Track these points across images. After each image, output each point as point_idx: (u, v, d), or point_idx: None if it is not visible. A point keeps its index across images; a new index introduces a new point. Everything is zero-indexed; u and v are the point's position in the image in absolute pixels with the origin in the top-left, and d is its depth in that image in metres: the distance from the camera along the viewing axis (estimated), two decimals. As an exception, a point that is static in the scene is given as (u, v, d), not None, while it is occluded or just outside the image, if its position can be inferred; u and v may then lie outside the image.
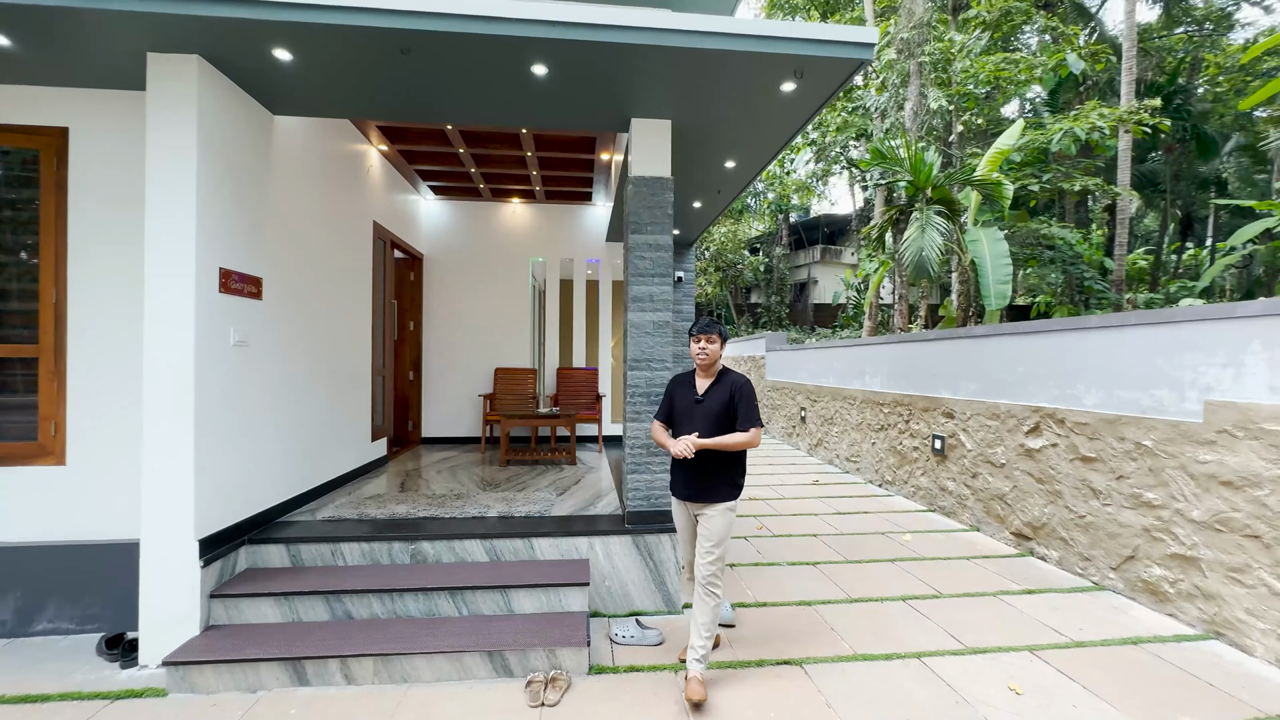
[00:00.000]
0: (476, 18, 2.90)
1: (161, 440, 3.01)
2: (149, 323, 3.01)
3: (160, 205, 3.02)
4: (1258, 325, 3.30)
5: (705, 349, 2.93)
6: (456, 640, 2.98)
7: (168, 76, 3.05)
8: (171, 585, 3.01)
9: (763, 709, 2.71)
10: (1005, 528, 5.21)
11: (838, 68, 3.17)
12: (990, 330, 5.55)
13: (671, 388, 3.11)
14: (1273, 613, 3.14)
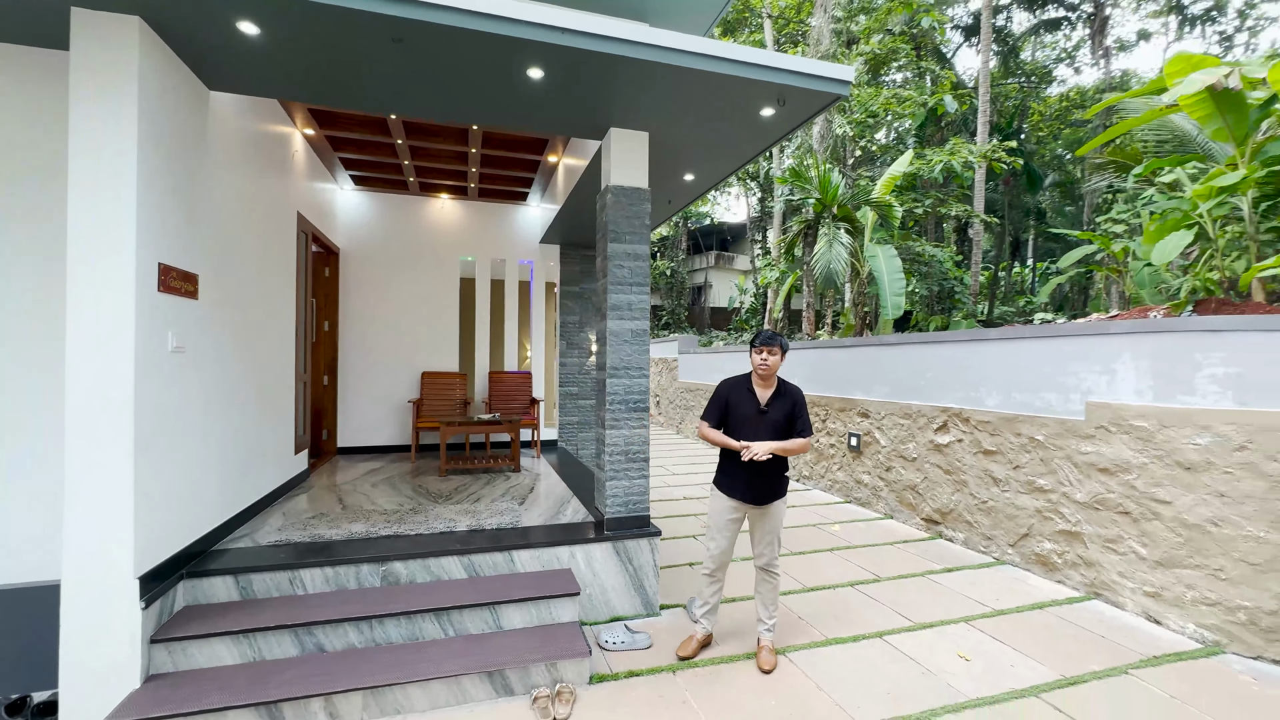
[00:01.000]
0: (477, 14, 2.78)
1: (90, 463, 2.55)
2: (74, 328, 2.54)
3: (90, 190, 2.57)
4: (1126, 340, 4.04)
5: (767, 360, 3.08)
6: (452, 663, 2.84)
7: (99, 39, 2.59)
8: (104, 632, 2.57)
9: (765, 697, 2.88)
10: (916, 514, 5.88)
11: (816, 99, 3.43)
12: (902, 339, 6.22)
13: (726, 393, 3.21)
14: (1139, 574, 3.88)
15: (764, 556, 3.24)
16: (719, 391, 3.27)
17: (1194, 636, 3.57)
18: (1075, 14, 21.19)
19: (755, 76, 3.23)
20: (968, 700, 2.89)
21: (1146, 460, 3.86)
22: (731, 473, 3.17)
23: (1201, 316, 3.99)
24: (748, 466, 3.06)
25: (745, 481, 3.11)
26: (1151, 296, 10.92)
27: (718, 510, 3.25)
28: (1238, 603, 3.43)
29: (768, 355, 3.10)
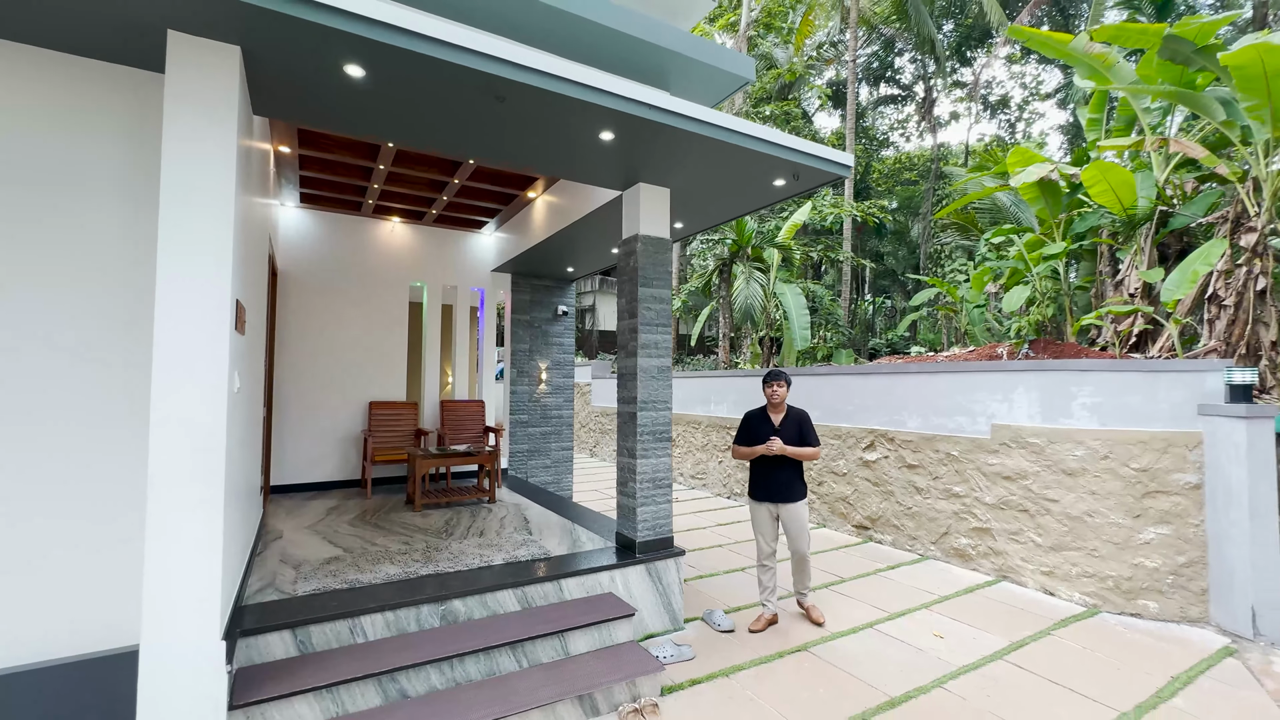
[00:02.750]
0: (569, 80, 3.04)
1: (176, 515, 2.34)
2: (161, 368, 2.34)
3: (187, 222, 2.40)
4: (1020, 376, 5.22)
5: (777, 391, 3.98)
6: (545, 691, 2.95)
7: (197, 65, 2.46)
8: (187, 701, 2.34)
9: (810, 685, 3.36)
10: (848, 522, 6.81)
11: (822, 176, 4.11)
12: (831, 370, 7.21)
13: (749, 421, 4.08)
14: (1037, 558, 5.00)
15: (798, 546, 4.15)
16: (747, 421, 4.14)
17: (1079, 603, 4.70)
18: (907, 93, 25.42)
19: (777, 154, 3.81)
20: (959, 668, 3.61)
21: (1039, 469, 5.01)
22: (760, 483, 4.03)
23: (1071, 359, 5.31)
24: (770, 475, 3.96)
25: (769, 487, 4.01)
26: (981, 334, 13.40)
27: (758, 515, 4.12)
28: (1107, 574, 4.60)
29: (777, 387, 4.03)
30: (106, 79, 2.68)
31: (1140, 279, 7.26)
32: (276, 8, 2.32)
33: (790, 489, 4.03)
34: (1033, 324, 9.07)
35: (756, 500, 4.14)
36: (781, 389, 4.04)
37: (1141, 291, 7.33)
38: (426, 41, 2.64)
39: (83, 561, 2.59)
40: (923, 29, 18.50)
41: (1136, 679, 3.54)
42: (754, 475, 4.13)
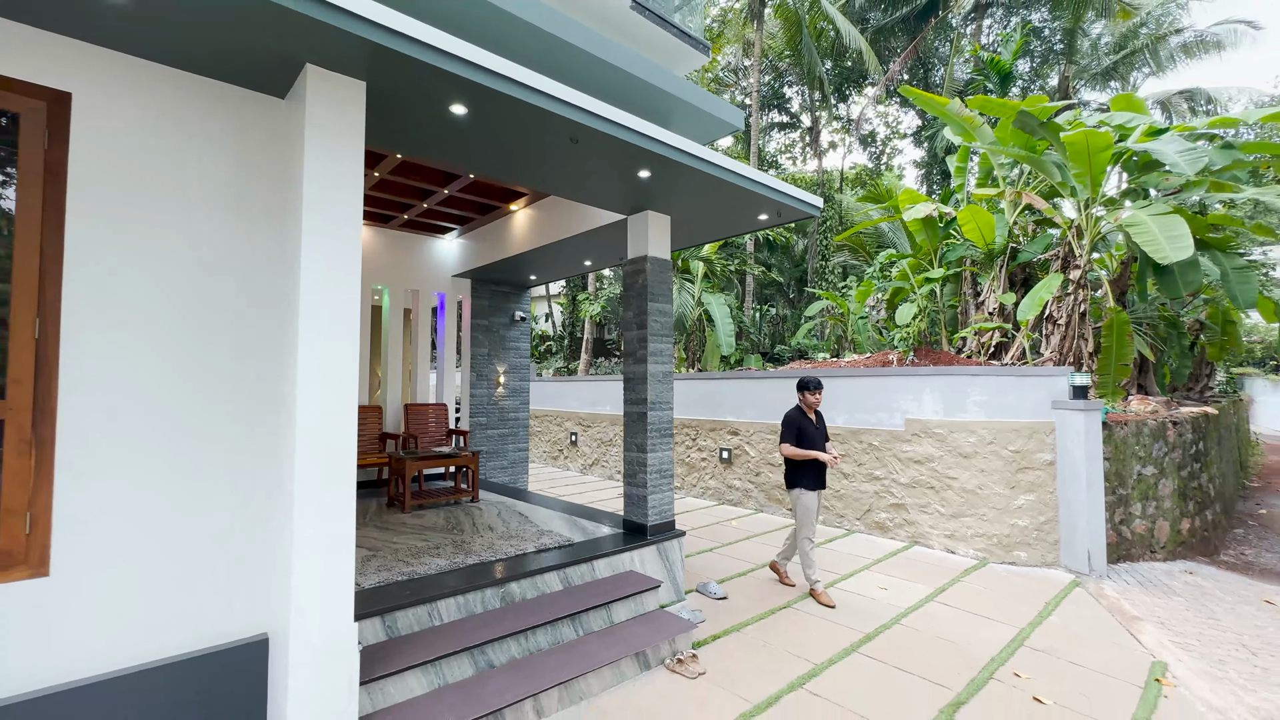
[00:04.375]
0: (629, 129, 3.56)
1: (319, 513, 2.56)
2: (304, 382, 2.54)
3: (324, 243, 2.62)
4: (927, 379, 6.48)
5: (818, 398, 4.82)
6: (608, 652, 3.43)
7: (330, 98, 2.68)
8: (327, 679, 2.56)
9: (806, 630, 4.14)
10: (783, 506, 7.82)
11: (797, 214, 4.95)
12: (768, 374, 8.21)
13: (799, 421, 4.80)
14: (941, 525, 6.25)
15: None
16: (793, 422, 4.84)
17: (973, 557, 5.99)
18: (795, 121, 28.02)
19: (767, 194, 4.58)
20: (906, 609, 4.60)
21: (942, 453, 6.28)
22: (814, 475, 4.73)
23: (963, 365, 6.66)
24: (820, 466, 4.75)
25: (821, 477, 4.77)
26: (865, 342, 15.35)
27: (812, 502, 4.77)
28: (992, 533, 5.92)
29: (817, 396, 4.82)
30: (214, 96, 2.78)
31: (998, 301, 9.06)
32: (404, 50, 2.63)
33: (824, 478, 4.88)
34: (914, 335, 10.81)
35: (811, 490, 4.75)
36: (818, 396, 4.83)
37: (998, 311, 9.15)
38: (524, 89, 3.03)
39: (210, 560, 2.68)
40: (812, 67, 20.68)
41: (1023, 607, 4.74)
42: (806, 471, 4.75)
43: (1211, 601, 5.26)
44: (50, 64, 2.39)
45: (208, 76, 2.75)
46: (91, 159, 2.47)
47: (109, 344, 2.48)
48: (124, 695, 2.43)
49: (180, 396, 2.64)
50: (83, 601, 2.40)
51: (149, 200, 2.60)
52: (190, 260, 2.69)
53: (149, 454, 2.56)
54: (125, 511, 2.50)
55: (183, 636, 2.60)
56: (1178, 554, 6.63)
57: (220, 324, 2.75)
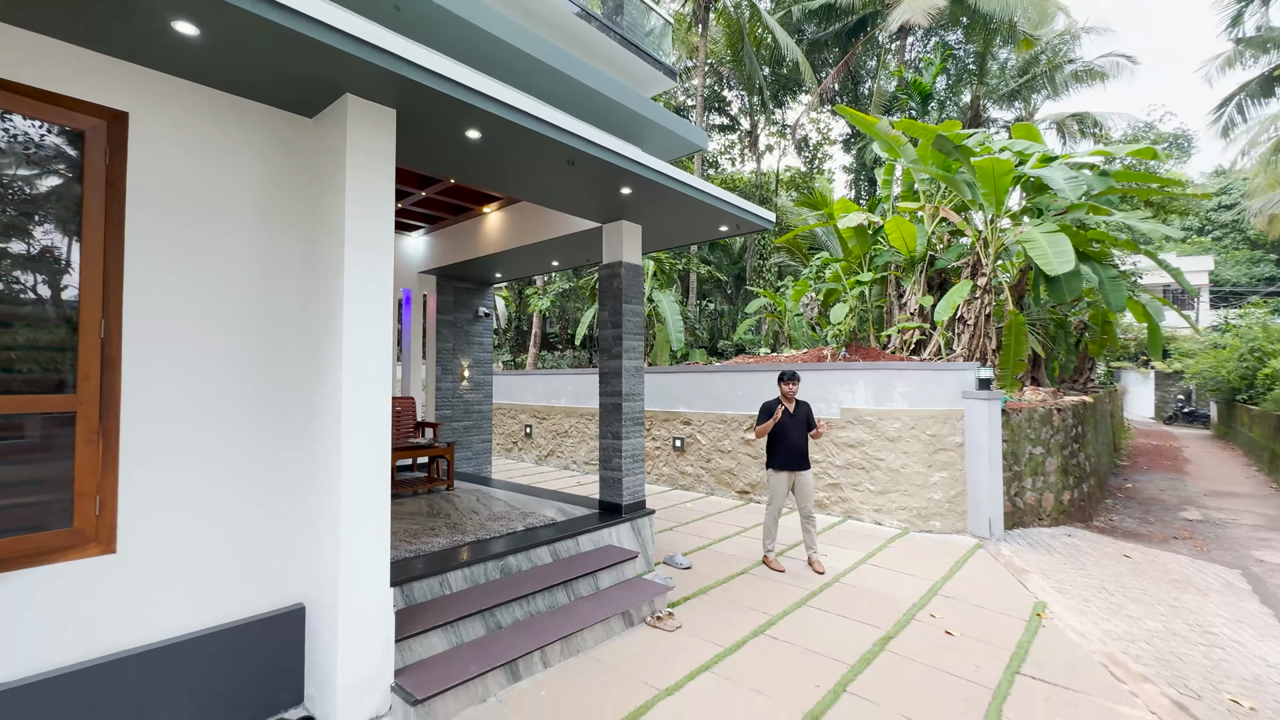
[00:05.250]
0: (618, 154, 4.04)
1: (363, 496, 2.91)
2: (350, 378, 2.89)
3: (365, 255, 2.95)
4: (861, 373, 7.33)
5: (792, 388, 5.24)
6: (599, 613, 3.93)
7: (369, 123, 3.00)
8: (371, 636, 2.93)
9: (757, 592, 4.80)
10: (732, 489, 8.54)
11: (753, 227, 5.57)
12: (720, 368, 8.89)
13: (772, 407, 5.26)
14: (871, 501, 7.12)
15: (805, 509, 5.38)
16: (766, 408, 5.36)
17: (897, 527, 6.89)
18: (734, 123, 29.07)
19: (728, 210, 5.16)
20: (844, 570, 5.37)
21: (872, 438, 7.15)
22: (780, 456, 5.25)
23: (890, 361, 7.56)
24: (787, 449, 5.21)
25: (787, 459, 5.25)
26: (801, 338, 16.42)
27: (776, 482, 5.30)
28: (913, 505, 6.84)
29: (793, 385, 5.29)
30: (252, 116, 3.04)
31: (918, 302, 10.15)
32: (431, 83, 2.99)
33: (804, 460, 5.31)
34: (846, 332, 11.85)
35: (778, 470, 5.30)
36: (795, 386, 5.34)
37: (918, 312, 10.25)
38: (533, 119, 3.45)
39: (254, 539, 2.97)
40: (752, 74, 21.65)
41: (938, 564, 5.61)
42: (777, 451, 5.30)
43: (1083, 557, 6.37)
44: (109, 85, 2.61)
45: (247, 98, 3.01)
46: (146, 173, 2.70)
47: (166, 343, 2.73)
48: (180, 659, 2.71)
49: (230, 390, 2.91)
50: (145, 576, 2.66)
51: (197, 210, 2.85)
52: (234, 266, 2.95)
53: (202, 443, 2.83)
54: (181, 495, 2.77)
55: (230, 606, 2.90)
56: (1060, 520, 7.84)
57: (262, 322, 3.03)
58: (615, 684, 3.37)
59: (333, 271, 2.99)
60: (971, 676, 3.53)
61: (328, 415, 2.97)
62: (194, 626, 2.79)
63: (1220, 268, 35.67)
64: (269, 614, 2.99)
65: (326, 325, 3.01)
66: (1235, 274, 35.85)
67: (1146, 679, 3.63)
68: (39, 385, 2.44)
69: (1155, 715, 3.20)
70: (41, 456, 2.45)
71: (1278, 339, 16.63)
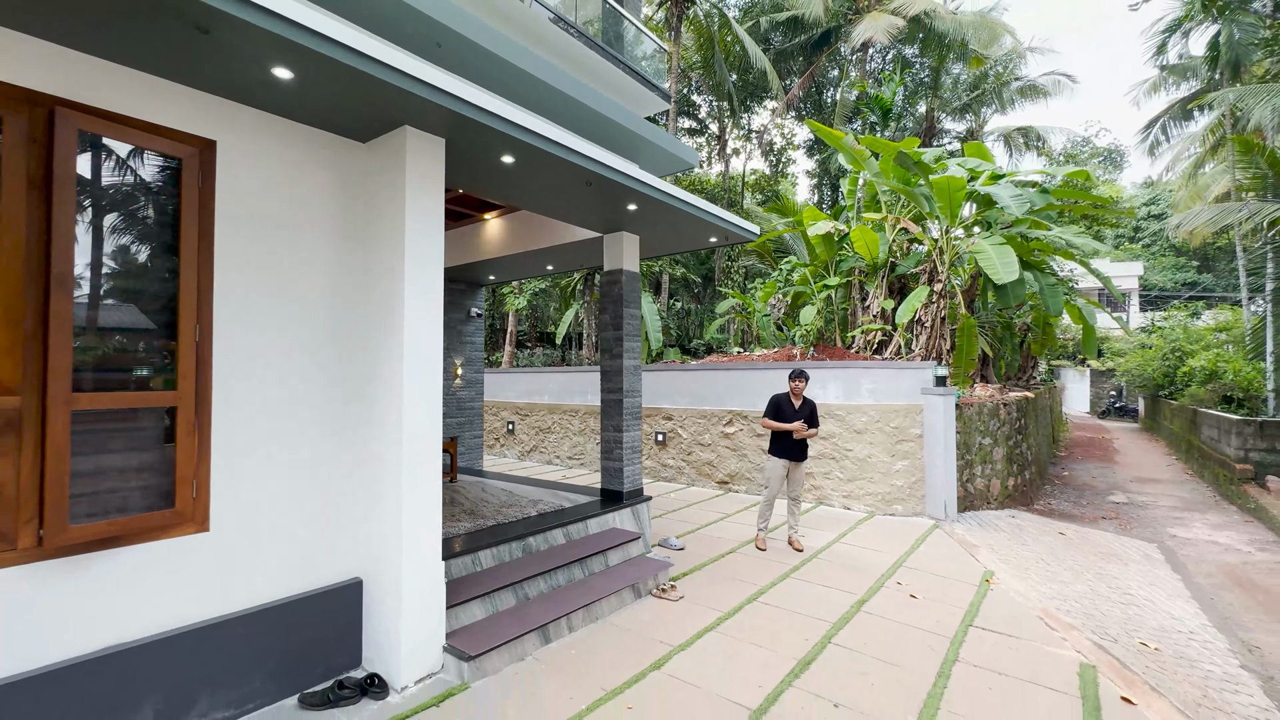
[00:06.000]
0: (629, 175, 4.51)
1: (420, 473, 3.32)
2: (410, 369, 3.28)
3: (420, 263, 3.35)
4: (832, 371, 8.00)
5: (800, 385, 5.73)
6: (612, 585, 4.42)
7: (423, 151, 3.40)
8: (427, 608, 3.34)
9: (748, 567, 5.36)
10: (712, 480, 9.12)
11: (739, 239, 6.12)
12: (700, 366, 9.45)
13: (779, 401, 5.80)
14: (841, 488, 7.80)
15: (794, 494, 5.95)
16: (776, 400, 5.90)
17: (864, 511, 7.59)
18: (702, 127, 29.78)
19: (719, 224, 5.69)
20: (821, 547, 5.99)
21: (842, 430, 7.82)
22: (782, 445, 5.78)
23: (856, 360, 8.26)
24: (791, 442, 5.74)
25: (789, 450, 5.78)
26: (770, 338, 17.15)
27: (775, 468, 5.82)
28: (877, 492, 7.55)
29: (800, 382, 5.79)
30: (317, 142, 3.39)
31: (880, 306, 10.95)
32: (477, 117, 3.41)
33: (803, 452, 5.88)
34: (813, 332, 12.60)
35: (778, 458, 5.84)
36: (803, 383, 5.85)
37: (880, 314, 11.05)
38: (557, 145, 3.88)
39: (322, 520, 3.34)
40: (722, 81, 22.35)
41: (902, 542, 6.30)
42: (780, 442, 5.84)
43: (1025, 535, 7.19)
44: (202, 117, 2.94)
45: (313, 126, 3.37)
46: (230, 194, 3.04)
47: (248, 346, 3.08)
48: (260, 626, 3.07)
49: (301, 385, 3.28)
50: (231, 553, 3.01)
51: (271, 227, 3.20)
52: (303, 275, 3.31)
53: (279, 434, 3.19)
54: (259, 480, 3.12)
55: (300, 580, 3.26)
56: (1005, 504, 8.72)
57: (328, 324, 3.40)
58: (634, 643, 3.87)
59: (393, 279, 3.37)
60: (933, 629, 4.16)
61: (388, 406, 3.35)
62: (270, 597, 3.14)
63: (1149, 273, 38.42)
64: (331, 587, 3.36)
65: (387, 325, 3.39)
66: (1162, 279, 38.69)
67: (1074, 628, 4.34)
68: (147, 384, 2.77)
69: (1080, 654, 3.89)
70: (149, 446, 2.78)
71: (1195, 340, 18.31)
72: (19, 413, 2.41)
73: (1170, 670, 4.04)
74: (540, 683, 3.36)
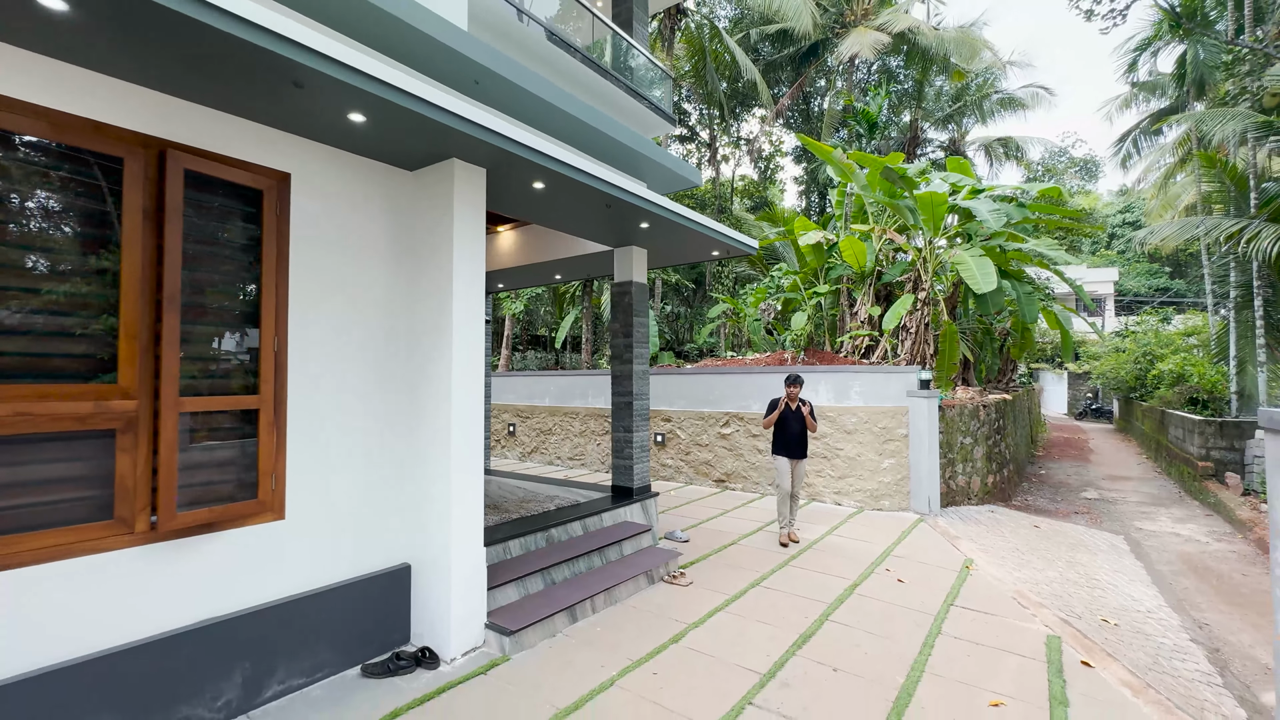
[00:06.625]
0: (646, 199, 4.94)
1: (467, 468, 3.72)
2: (457, 375, 3.69)
3: (466, 288, 3.76)
4: (823, 375, 8.49)
5: (795, 391, 6.12)
6: (628, 572, 4.84)
7: (468, 181, 3.81)
8: (471, 588, 3.73)
9: (748, 556, 5.81)
10: (709, 479, 9.57)
11: (740, 253, 6.58)
12: (698, 370, 9.90)
13: (777, 403, 6.15)
14: (831, 485, 8.28)
15: (795, 490, 6.31)
16: (772, 404, 6.29)
17: (854, 507, 8.08)
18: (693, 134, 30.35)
19: (721, 239, 6.14)
20: (815, 538, 6.45)
21: (833, 430, 8.32)
22: (782, 443, 6.19)
23: (848, 364, 8.76)
24: (789, 437, 6.14)
25: (789, 447, 6.19)
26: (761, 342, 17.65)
27: (781, 465, 6.22)
28: (866, 488, 8.05)
29: (797, 389, 6.19)
30: (371, 172, 3.79)
31: (868, 312, 11.49)
32: (515, 150, 3.82)
33: (803, 449, 6.30)
34: (803, 337, 13.12)
35: (782, 456, 6.25)
36: (798, 389, 6.25)
37: (867, 320, 11.59)
38: (583, 174, 4.31)
39: (378, 510, 3.73)
40: (713, 90, 22.90)
41: (889, 534, 6.79)
42: (781, 441, 6.24)
43: (1002, 528, 7.72)
44: (278, 152, 3.33)
45: (369, 157, 3.77)
46: (301, 220, 3.43)
47: (320, 356, 3.47)
48: (327, 604, 3.45)
49: (361, 388, 3.67)
50: (303, 538, 3.39)
51: (334, 248, 3.59)
52: (361, 289, 3.71)
53: (341, 432, 3.57)
54: (326, 474, 3.51)
55: (359, 563, 3.65)
56: (985, 500, 9.27)
57: (383, 332, 3.79)
58: (652, 621, 4.29)
59: (441, 293, 3.76)
60: (919, 607, 4.64)
61: (437, 408, 3.75)
62: (335, 579, 3.52)
63: (1124, 278, 39.65)
64: (384, 570, 3.75)
65: (435, 332, 3.78)
66: (1137, 284, 39.95)
67: (1043, 606, 4.84)
68: (235, 389, 3.15)
69: (1048, 627, 4.38)
70: (236, 444, 3.15)
71: (1166, 344, 19.16)
72: (137, 415, 2.78)
73: (1127, 642, 4.55)
74: (572, 654, 3.77)
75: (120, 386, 2.73)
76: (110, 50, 2.54)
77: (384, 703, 3.20)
